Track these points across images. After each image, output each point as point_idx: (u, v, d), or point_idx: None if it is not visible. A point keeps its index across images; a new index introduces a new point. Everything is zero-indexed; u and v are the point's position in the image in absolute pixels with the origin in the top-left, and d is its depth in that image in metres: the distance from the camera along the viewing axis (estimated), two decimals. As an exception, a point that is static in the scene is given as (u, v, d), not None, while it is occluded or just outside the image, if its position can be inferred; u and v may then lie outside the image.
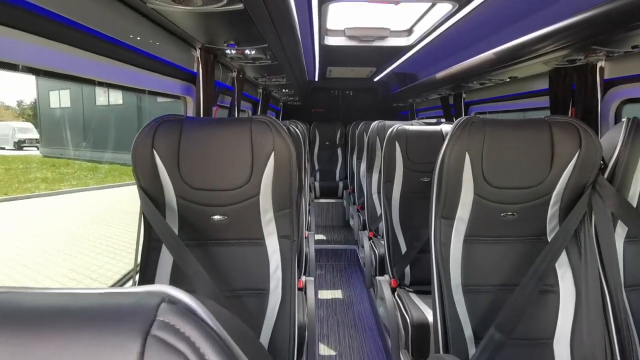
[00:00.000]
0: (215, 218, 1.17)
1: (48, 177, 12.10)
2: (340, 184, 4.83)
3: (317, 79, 4.36)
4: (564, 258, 1.20)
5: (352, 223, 3.87)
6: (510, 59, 1.73)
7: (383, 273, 2.20)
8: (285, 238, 1.21)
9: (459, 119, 1.20)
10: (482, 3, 1.51)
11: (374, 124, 2.81)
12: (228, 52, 1.52)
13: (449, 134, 1.19)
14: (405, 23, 2.47)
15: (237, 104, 2.19)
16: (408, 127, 2.12)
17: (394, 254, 2.04)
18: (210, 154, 1.13)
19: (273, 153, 1.13)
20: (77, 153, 15.49)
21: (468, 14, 1.68)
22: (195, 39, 1.37)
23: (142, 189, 1.13)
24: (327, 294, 3.17)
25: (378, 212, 2.86)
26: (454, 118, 3.43)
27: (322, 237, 4.14)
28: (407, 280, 1.99)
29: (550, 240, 1.21)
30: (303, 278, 1.78)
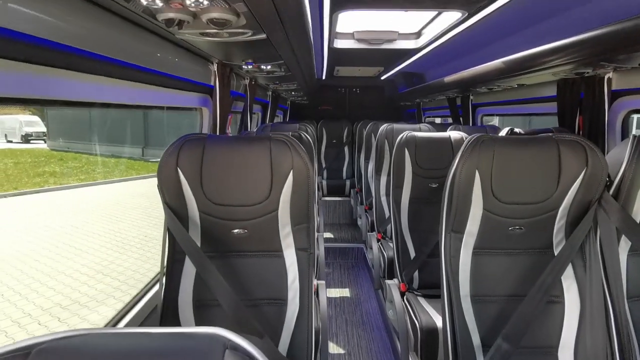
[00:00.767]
0: (236, 231, 1.23)
1: (56, 171, 12.23)
2: (348, 182, 4.87)
3: (324, 78, 4.38)
4: (570, 271, 1.26)
5: (359, 223, 3.92)
6: (519, 69, 1.76)
7: (392, 276, 2.26)
8: (303, 250, 1.27)
9: (470, 137, 1.24)
10: (491, 13, 1.54)
11: (383, 128, 2.85)
12: (244, 67, 1.57)
13: (460, 152, 1.24)
14: (414, 26, 2.49)
15: (249, 110, 2.24)
16: (417, 133, 2.16)
17: (403, 258, 2.10)
18: (232, 172, 1.19)
19: (292, 171, 1.19)
20: (84, 147, 15.61)
21: (477, 22, 1.70)
22: (213, 56, 1.42)
23: (167, 205, 1.19)
24: (335, 292, 3.24)
25: (386, 214, 2.90)
26: (461, 119, 3.45)
27: (329, 235, 4.20)
28: (415, 284, 2.05)
29: (557, 254, 1.26)
30: (315, 282, 1.84)
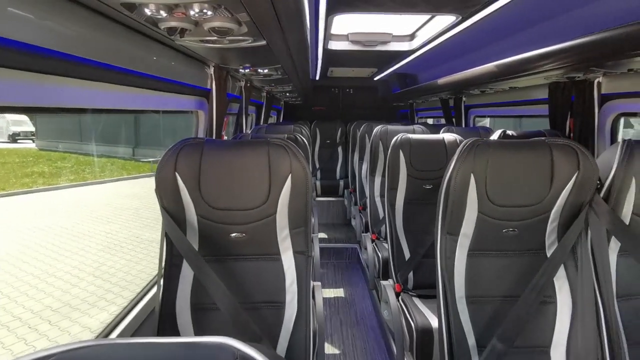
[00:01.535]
0: (234, 235, 1.24)
1: (45, 171, 12.07)
2: (341, 183, 4.89)
3: (318, 78, 4.39)
4: (562, 272, 1.28)
5: (353, 223, 3.94)
6: (511, 72, 1.79)
7: (386, 276, 2.28)
8: (300, 254, 1.28)
9: (465, 142, 1.27)
10: (484, 17, 1.57)
11: (377, 129, 2.87)
12: (242, 71, 1.57)
13: (456, 156, 1.26)
14: (408, 28, 2.51)
15: (245, 112, 2.24)
16: (411, 135, 2.18)
17: (398, 259, 2.12)
18: (230, 176, 1.19)
19: (290, 175, 1.19)
20: (73, 146, 15.41)
21: (471, 26, 1.73)
22: (211, 60, 1.42)
23: (164, 209, 1.19)
24: (330, 293, 3.25)
25: (380, 215, 2.92)
26: (454, 120, 3.49)
27: (323, 235, 4.21)
28: (410, 285, 2.07)
29: (550, 256, 1.29)
30: (311, 283, 1.85)
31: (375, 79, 4.29)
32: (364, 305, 3.03)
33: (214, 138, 1.87)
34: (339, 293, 3.27)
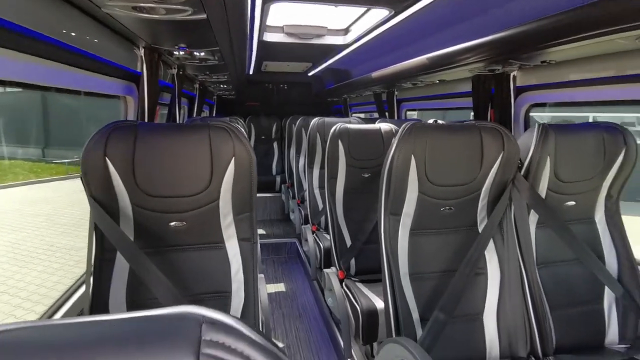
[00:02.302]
0: (173, 224, 1.16)
1: None
2: (278, 178, 4.85)
3: (252, 73, 4.30)
4: (491, 245, 1.40)
5: (292, 217, 3.93)
6: (440, 65, 1.91)
7: (329, 266, 2.31)
8: (245, 240, 1.24)
9: (405, 124, 1.32)
10: (416, 12, 1.65)
11: (314, 121, 2.89)
12: (176, 53, 1.47)
13: (397, 138, 1.31)
14: (343, 23, 2.57)
15: (177, 102, 2.11)
16: (349, 125, 2.23)
17: (340, 247, 2.15)
18: (168, 161, 1.11)
19: (233, 159, 1.15)
20: (-34, 147, 13.35)
21: (403, 20, 1.81)
22: (141, 38, 1.31)
23: (93, 198, 1.08)
24: (270, 288, 3.21)
25: (320, 206, 2.95)
26: (387, 114, 3.64)
27: (262, 231, 4.15)
28: (352, 271, 2.12)
29: (481, 231, 1.40)
30: (257, 272, 1.80)
31: (310, 74, 4.32)
32: (306, 298, 3.04)
33: None
34: (280, 287, 3.24)
